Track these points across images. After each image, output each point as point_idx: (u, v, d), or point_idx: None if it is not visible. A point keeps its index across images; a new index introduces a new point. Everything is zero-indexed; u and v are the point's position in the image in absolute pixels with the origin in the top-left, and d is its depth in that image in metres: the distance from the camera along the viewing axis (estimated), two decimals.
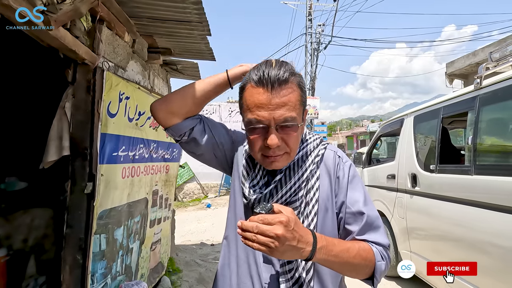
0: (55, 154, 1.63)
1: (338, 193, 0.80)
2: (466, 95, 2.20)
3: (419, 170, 2.69)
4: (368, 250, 0.75)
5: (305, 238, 0.64)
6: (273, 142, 0.70)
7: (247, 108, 0.73)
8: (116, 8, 1.85)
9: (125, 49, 2.12)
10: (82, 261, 1.66)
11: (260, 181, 0.82)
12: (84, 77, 1.67)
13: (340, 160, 0.84)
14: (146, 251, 2.43)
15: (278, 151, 0.73)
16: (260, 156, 0.76)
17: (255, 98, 0.71)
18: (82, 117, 1.67)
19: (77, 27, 1.57)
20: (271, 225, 0.60)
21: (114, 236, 1.91)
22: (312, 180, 0.79)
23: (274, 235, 0.60)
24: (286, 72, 0.72)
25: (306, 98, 0.79)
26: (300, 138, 0.79)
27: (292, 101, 0.71)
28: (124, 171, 1.97)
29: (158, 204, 2.65)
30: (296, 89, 0.73)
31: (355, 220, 0.78)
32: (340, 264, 0.70)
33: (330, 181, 0.81)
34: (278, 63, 0.74)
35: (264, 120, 0.70)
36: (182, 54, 2.87)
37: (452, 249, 2.21)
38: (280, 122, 0.70)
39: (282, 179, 0.78)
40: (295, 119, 0.71)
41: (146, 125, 2.23)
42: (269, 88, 0.70)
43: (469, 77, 7.40)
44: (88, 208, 1.67)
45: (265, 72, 0.71)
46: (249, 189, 0.81)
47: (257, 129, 0.72)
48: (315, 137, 0.87)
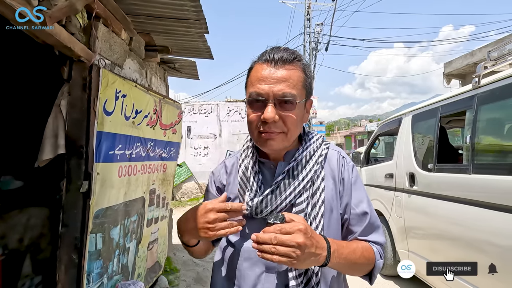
0: (51, 153, 1.61)
1: (343, 195, 0.80)
2: (464, 94, 2.20)
3: (417, 169, 2.69)
4: (370, 250, 0.78)
5: (320, 243, 0.65)
6: (269, 116, 0.69)
7: (250, 83, 0.75)
8: (113, 5, 1.83)
9: (122, 47, 2.10)
10: (77, 261, 1.64)
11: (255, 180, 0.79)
12: (80, 74, 1.65)
13: (344, 161, 0.83)
14: (143, 251, 2.42)
15: (275, 128, 0.72)
16: (256, 134, 0.75)
17: (259, 73, 0.72)
18: (77, 115, 1.65)
19: (73, 24, 1.55)
20: (290, 234, 0.60)
21: (110, 235, 1.89)
22: (317, 181, 0.77)
23: (295, 244, 0.59)
24: (292, 55, 0.73)
25: (311, 84, 0.78)
26: (299, 124, 0.76)
27: (293, 79, 0.71)
28: (121, 170, 1.95)
29: (155, 203, 2.63)
30: (300, 71, 0.74)
31: (358, 221, 0.80)
32: (348, 266, 0.72)
33: (335, 182, 0.80)
34: (286, 48, 0.75)
35: (264, 93, 0.70)
36: (179, 53, 2.85)
37: (450, 248, 2.21)
38: (279, 96, 0.70)
39: (285, 179, 0.76)
40: (294, 96, 0.71)
41: (143, 123, 2.21)
42: (273, 64, 0.72)
43: (466, 77, 7.42)
44: (84, 207, 1.65)
45: (272, 52, 0.74)
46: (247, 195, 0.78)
47: (256, 103, 0.72)
48: (317, 136, 0.85)
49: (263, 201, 0.74)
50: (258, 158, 0.83)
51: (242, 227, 0.75)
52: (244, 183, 0.80)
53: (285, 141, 0.75)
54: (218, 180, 0.89)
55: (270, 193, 0.75)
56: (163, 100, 2.57)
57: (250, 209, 0.75)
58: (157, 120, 2.44)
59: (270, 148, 0.75)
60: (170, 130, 2.75)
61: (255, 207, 0.75)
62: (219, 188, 0.89)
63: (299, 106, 0.73)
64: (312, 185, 0.76)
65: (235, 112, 9.21)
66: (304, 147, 0.81)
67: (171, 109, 2.73)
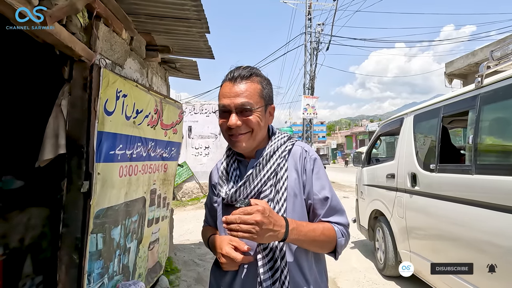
0: (51, 152, 1.60)
1: (306, 183, 0.94)
2: (467, 94, 2.19)
3: (418, 170, 2.67)
4: (331, 229, 0.92)
5: (279, 222, 0.80)
6: (232, 122, 0.87)
7: (219, 98, 0.92)
8: (114, 4, 1.83)
9: (122, 47, 2.09)
10: (78, 261, 1.64)
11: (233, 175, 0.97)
12: (81, 74, 1.65)
13: (307, 154, 0.97)
14: (143, 251, 2.41)
15: (240, 130, 0.88)
16: (227, 137, 0.92)
17: (223, 89, 0.91)
18: (78, 115, 1.65)
19: (73, 23, 1.55)
20: (250, 214, 0.75)
21: (111, 235, 1.89)
22: (281, 172, 0.91)
23: (254, 222, 0.74)
24: (249, 72, 0.90)
25: (269, 94, 0.94)
26: (263, 125, 0.92)
27: (249, 91, 0.88)
28: (122, 170, 1.95)
29: (156, 203, 2.63)
30: (256, 84, 0.90)
31: (321, 205, 0.93)
32: (308, 242, 0.87)
33: (298, 172, 0.94)
34: (247, 67, 0.93)
35: (227, 105, 0.88)
36: (180, 52, 2.84)
37: (452, 249, 2.20)
38: (238, 106, 0.87)
39: (253, 172, 0.92)
40: (251, 104, 0.87)
41: (144, 123, 2.20)
42: (233, 81, 0.89)
43: (468, 77, 7.39)
44: (85, 207, 1.65)
45: (233, 71, 0.91)
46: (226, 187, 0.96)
47: (223, 113, 0.90)
48: (283, 135, 1.00)
49: (237, 191, 0.91)
50: (237, 157, 1.00)
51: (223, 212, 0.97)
52: (223, 178, 0.98)
53: (250, 139, 0.90)
54: (212, 180, 1.08)
55: (242, 184, 0.91)
56: (164, 100, 2.57)
57: (226, 198, 0.93)
58: (158, 120, 2.44)
59: (239, 147, 0.91)
60: (171, 130, 2.75)
61: (230, 196, 0.92)
62: (214, 186, 1.06)
63: (258, 111, 0.89)
64: (276, 175, 0.91)
65: None
66: (269, 144, 0.96)
67: (172, 109, 2.72)
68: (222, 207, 0.98)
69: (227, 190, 0.94)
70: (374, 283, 3.28)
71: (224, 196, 0.94)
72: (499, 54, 1.98)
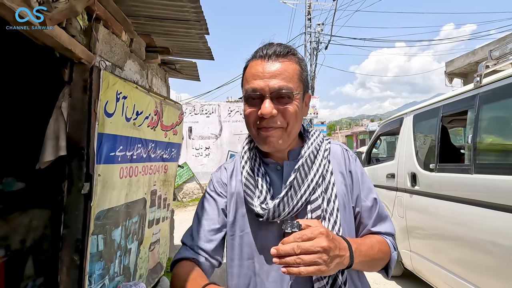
0: (52, 154, 1.61)
1: (353, 188, 0.79)
2: (466, 93, 2.19)
3: (418, 169, 2.67)
4: (385, 243, 0.77)
5: (342, 244, 0.62)
6: (267, 110, 0.68)
7: (246, 81, 0.73)
8: (113, 6, 1.84)
9: (122, 48, 2.10)
10: (79, 262, 1.65)
11: (264, 183, 0.75)
12: (81, 76, 1.66)
13: (348, 154, 0.83)
14: (144, 252, 2.42)
15: (273, 123, 0.70)
16: (255, 131, 0.74)
17: (253, 69, 0.72)
18: (78, 117, 1.66)
19: (73, 26, 1.55)
20: (312, 240, 0.56)
21: (112, 236, 1.90)
22: (327, 176, 0.75)
23: (320, 249, 0.55)
24: (286, 49, 0.73)
25: (307, 78, 0.76)
26: (299, 117, 0.74)
27: (288, 72, 0.70)
28: (122, 171, 1.96)
29: (157, 204, 2.63)
30: (295, 63, 0.72)
31: (369, 213, 0.79)
32: (368, 263, 0.70)
33: (343, 175, 0.79)
34: (280, 43, 0.74)
35: (259, 89, 0.69)
36: (180, 54, 2.85)
37: (452, 248, 2.20)
38: (275, 90, 0.68)
39: (297, 177, 0.72)
40: (291, 89, 0.69)
41: (144, 124, 2.21)
42: (267, 59, 0.71)
43: (468, 76, 7.39)
44: (85, 209, 1.66)
45: (266, 47, 0.73)
46: (257, 199, 0.73)
47: (253, 99, 0.71)
48: (318, 132, 0.85)
49: (280, 203, 0.70)
50: (262, 159, 0.80)
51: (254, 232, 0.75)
52: (251, 187, 0.75)
53: (284, 136, 0.72)
54: (219, 184, 0.84)
55: (285, 194, 0.71)
56: (164, 101, 2.58)
57: (266, 214, 0.71)
58: (158, 121, 2.45)
59: (270, 145, 0.72)
60: (171, 131, 2.75)
61: (272, 211, 0.70)
62: (220, 194, 0.83)
63: (297, 99, 0.71)
64: (323, 180, 0.74)
65: (236, 112, 9.21)
66: (309, 143, 0.79)
67: (172, 110, 2.73)
68: (253, 228, 0.76)
69: (262, 202, 0.72)
70: (375, 282, 3.28)
71: (261, 211, 0.71)
72: (498, 53, 1.98)
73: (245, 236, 0.76)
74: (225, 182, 0.83)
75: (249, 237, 0.76)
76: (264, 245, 0.74)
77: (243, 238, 0.76)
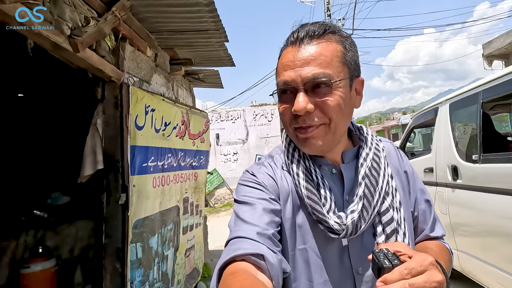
0: (91, 169, 1.73)
1: (410, 190, 0.70)
2: (509, 75, 2.00)
3: (460, 161, 2.49)
4: (445, 249, 0.68)
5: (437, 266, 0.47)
6: (300, 106, 0.56)
7: (277, 74, 0.62)
8: (137, 25, 1.94)
9: (148, 64, 2.20)
10: (121, 269, 1.73)
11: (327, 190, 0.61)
12: (112, 93, 1.76)
13: (400, 153, 0.74)
14: (181, 258, 2.49)
15: (310, 120, 0.57)
16: (292, 132, 0.62)
17: (284, 59, 0.60)
18: (112, 132, 1.76)
19: (102, 47, 1.66)
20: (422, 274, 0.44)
21: (149, 244, 1.98)
22: (390, 181, 0.64)
23: (437, 284, 0.42)
24: (322, 27, 0.59)
25: (355, 59, 0.61)
26: (346, 110, 0.60)
27: (325, 55, 0.57)
28: (155, 181, 2.04)
29: (190, 211, 2.70)
30: (335, 44, 0.58)
31: (425, 217, 0.71)
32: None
33: (400, 178, 0.69)
34: (315, 22, 0.62)
35: (290, 80, 0.57)
36: (202, 63, 2.93)
37: (505, 245, 2.01)
38: (309, 80, 0.56)
39: (368, 185, 0.61)
40: (329, 75, 0.56)
41: (173, 134, 2.29)
42: (298, 44, 0.59)
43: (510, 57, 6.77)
44: (123, 218, 1.75)
45: (297, 30, 0.61)
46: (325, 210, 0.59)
47: (284, 93, 0.60)
48: (366, 128, 0.72)
49: (361, 218, 0.58)
50: (311, 159, 0.66)
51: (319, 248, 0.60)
52: (315, 193, 0.60)
53: (328, 134, 0.59)
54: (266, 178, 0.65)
55: (363, 207, 0.59)
56: (190, 110, 2.66)
57: (344, 230, 0.58)
58: (185, 131, 2.52)
59: (311, 148, 0.60)
60: (199, 139, 2.83)
61: (351, 227, 0.57)
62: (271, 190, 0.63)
63: (340, 87, 0.57)
64: (389, 186, 0.63)
65: (262, 116, 9.25)
66: (368, 142, 0.67)
67: (198, 119, 2.80)
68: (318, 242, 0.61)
69: (332, 214, 0.59)
70: None
71: (337, 227, 0.57)
72: None
73: (306, 251, 0.61)
74: (274, 179, 0.65)
75: (310, 253, 0.61)
76: (328, 263, 0.61)
77: (303, 254, 0.61)
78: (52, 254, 2.53)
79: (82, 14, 1.42)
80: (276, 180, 0.65)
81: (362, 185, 0.61)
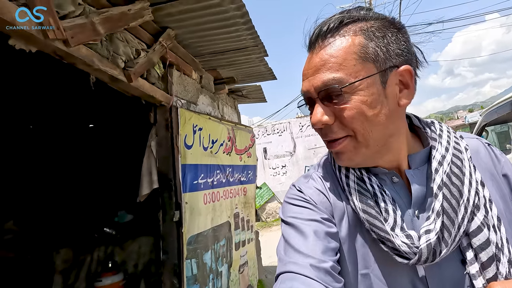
0: (148, 188, 1.85)
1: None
2: None
3: None
4: None
5: None
6: (314, 119, 0.50)
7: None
8: (182, 51, 2.07)
9: (194, 86, 2.33)
10: (178, 285, 1.79)
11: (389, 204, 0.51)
12: (163, 116, 1.89)
13: (492, 150, 0.58)
14: (235, 274, 2.48)
15: (331, 133, 0.51)
16: (325, 143, 0.55)
17: (303, 68, 0.54)
18: (165, 152, 1.87)
19: (152, 75, 1.80)
20: None
21: (203, 260, 2.01)
22: (480, 190, 0.50)
23: None
24: (338, 20, 0.50)
25: (386, 48, 0.49)
26: (376, 117, 0.48)
27: (336, 56, 0.48)
28: (205, 197, 2.10)
29: (241, 226, 2.71)
30: (352, 37, 0.49)
31: None
32: None
33: (497, 184, 0.54)
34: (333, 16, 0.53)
35: (305, 91, 0.52)
36: (244, 80, 3.00)
37: None
38: (320, 88, 0.49)
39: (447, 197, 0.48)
40: (339, 80, 0.47)
41: (220, 151, 2.35)
42: (312, 48, 0.52)
43: None
44: (178, 235, 1.81)
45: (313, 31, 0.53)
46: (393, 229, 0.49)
47: (307, 106, 0.55)
48: (439, 124, 0.59)
49: (440, 239, 0.47)
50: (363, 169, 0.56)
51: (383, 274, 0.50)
52: (373, 207, 0.51)
53: (359, 148, 0.50)
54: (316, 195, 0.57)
55: (442, 225, 0.47)
56: (235, 126, 2.72)
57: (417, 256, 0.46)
58: (232, 147, 2.58)
59: (344, 163, 0.53)
60: (245, 154, 2.86)
61: (426, 252, 0.46)
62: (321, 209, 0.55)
63: (361, 89, 0.48)
64: (478, 197, 0.49)
65: (308, 126, 9.08)
66: (442, 141, 0.54)
67: (243, 134, 2.85)
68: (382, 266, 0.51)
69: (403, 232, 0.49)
70: None
71: (408, 250, 0.47)
72: None
73: (368, 278, 0.51)
74: (325, 195, 0.57)
75: (374, 279, 0.51)
76: None
77: (365, 280, 0.51)
78: (119, 268, 2.75)
79: (134, 48, 1.57)
80: (328, 195, 0.57)
81: (439, 197, 0.49)
